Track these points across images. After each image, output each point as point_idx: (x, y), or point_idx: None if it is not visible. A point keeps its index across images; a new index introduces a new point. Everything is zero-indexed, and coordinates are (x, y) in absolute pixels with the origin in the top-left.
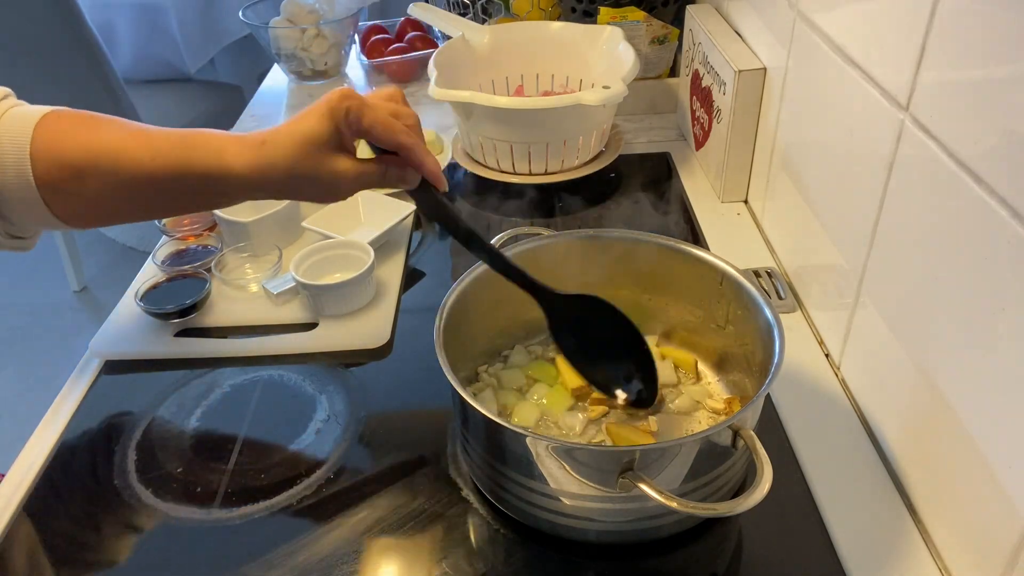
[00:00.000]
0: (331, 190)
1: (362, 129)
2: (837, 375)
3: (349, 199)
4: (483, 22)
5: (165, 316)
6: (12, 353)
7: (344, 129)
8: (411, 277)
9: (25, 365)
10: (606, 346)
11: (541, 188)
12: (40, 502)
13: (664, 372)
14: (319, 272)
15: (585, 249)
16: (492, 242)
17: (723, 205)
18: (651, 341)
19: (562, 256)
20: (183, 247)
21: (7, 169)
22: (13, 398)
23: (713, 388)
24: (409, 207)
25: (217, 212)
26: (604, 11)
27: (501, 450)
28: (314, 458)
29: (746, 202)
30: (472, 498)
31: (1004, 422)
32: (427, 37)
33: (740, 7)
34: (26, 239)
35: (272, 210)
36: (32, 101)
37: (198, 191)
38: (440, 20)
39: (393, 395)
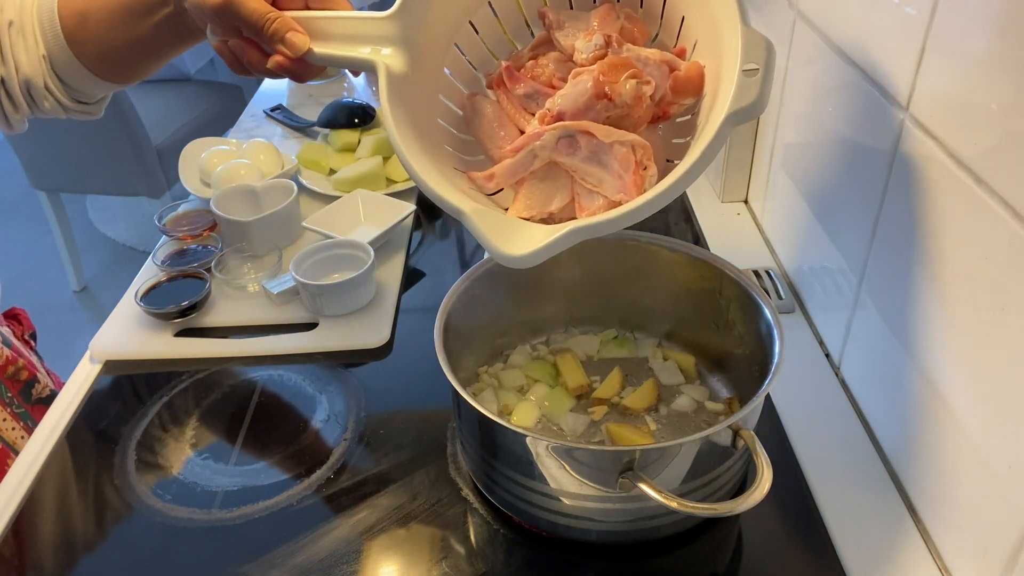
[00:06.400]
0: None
1: None
2: (837, 375)
3: (349, 199)
4: None
5: (165, 316)
6: None
7: None
8: (411, 277)
9: None
10: None
11: None
12: (40, 502)
13: (668, 373)
14: (319, 272)
15: (585, 249)
16: None
17: (723, 205)
18: (651, 341)
19: (562, 256)
20: (183, 247)
21: (48, 37)
22: None
23: (713, 388)
24: (409, 207)
25: (217, 212)
26: None
27: (501, 450)
28: (314, 458)
29: (746, 202)
30: (472, 498)
31: (1004, 422)
32: None
33: None
34: (91, 104)
35: (272, 210)
36: None
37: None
38: None
39: (393, 395)
